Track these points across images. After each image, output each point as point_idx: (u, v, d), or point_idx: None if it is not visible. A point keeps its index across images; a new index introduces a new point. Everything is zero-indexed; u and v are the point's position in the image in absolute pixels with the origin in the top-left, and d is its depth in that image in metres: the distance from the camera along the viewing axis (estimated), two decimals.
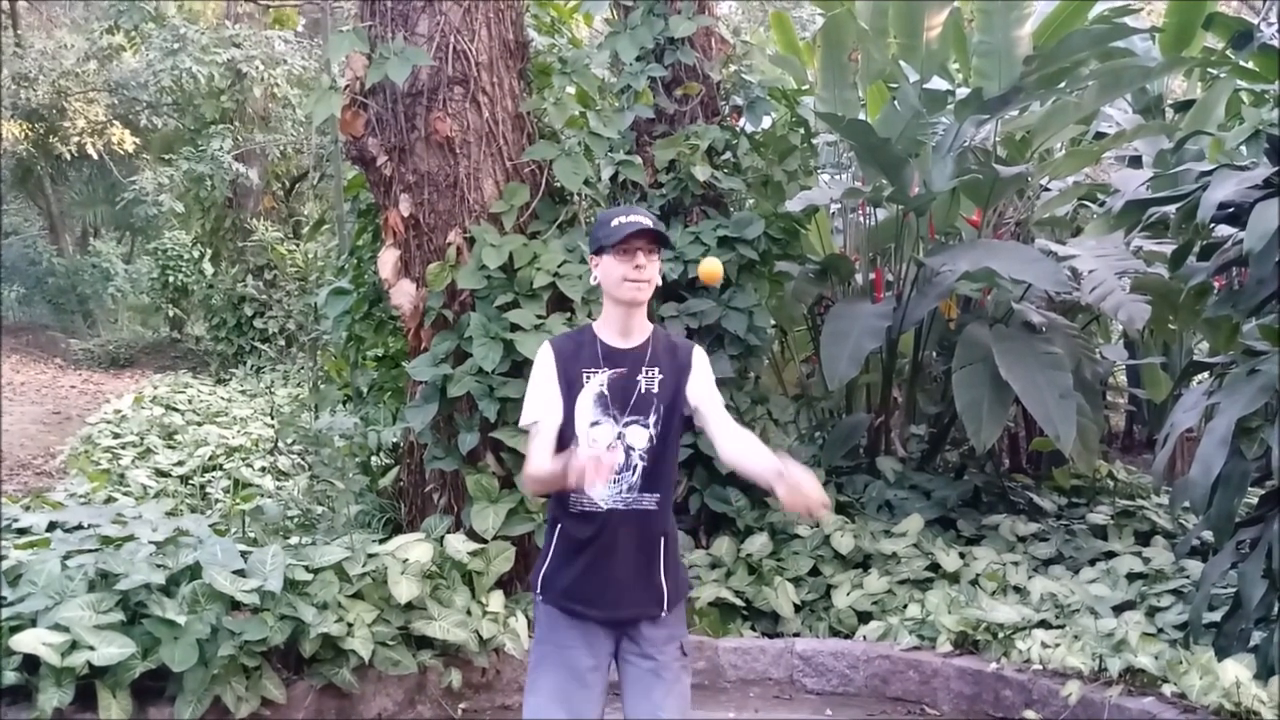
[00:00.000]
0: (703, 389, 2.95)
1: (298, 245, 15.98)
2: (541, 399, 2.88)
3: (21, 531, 4.88)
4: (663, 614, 2.93)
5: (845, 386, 6.91)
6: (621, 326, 2.92)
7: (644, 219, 2.86)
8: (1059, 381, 6.00)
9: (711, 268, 3.00)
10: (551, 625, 2.93)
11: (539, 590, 2.95)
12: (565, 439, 2.87)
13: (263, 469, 8.68)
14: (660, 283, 2.96)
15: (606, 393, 2.86)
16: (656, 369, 2.91)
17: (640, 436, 2.87)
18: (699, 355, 3.00)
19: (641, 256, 2.83)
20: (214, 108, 16.01)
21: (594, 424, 2.86)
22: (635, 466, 2.86)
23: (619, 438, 2.86)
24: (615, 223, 2.85)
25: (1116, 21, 6.86)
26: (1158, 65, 7.08)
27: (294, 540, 4.98)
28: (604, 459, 2.62)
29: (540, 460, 2.82)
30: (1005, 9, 6.80)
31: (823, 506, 2.63)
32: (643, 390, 2.88)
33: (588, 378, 2.87)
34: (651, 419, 2.88)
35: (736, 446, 2.87)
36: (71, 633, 3.85)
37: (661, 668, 2.92)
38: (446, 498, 5.41)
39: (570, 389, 2.87)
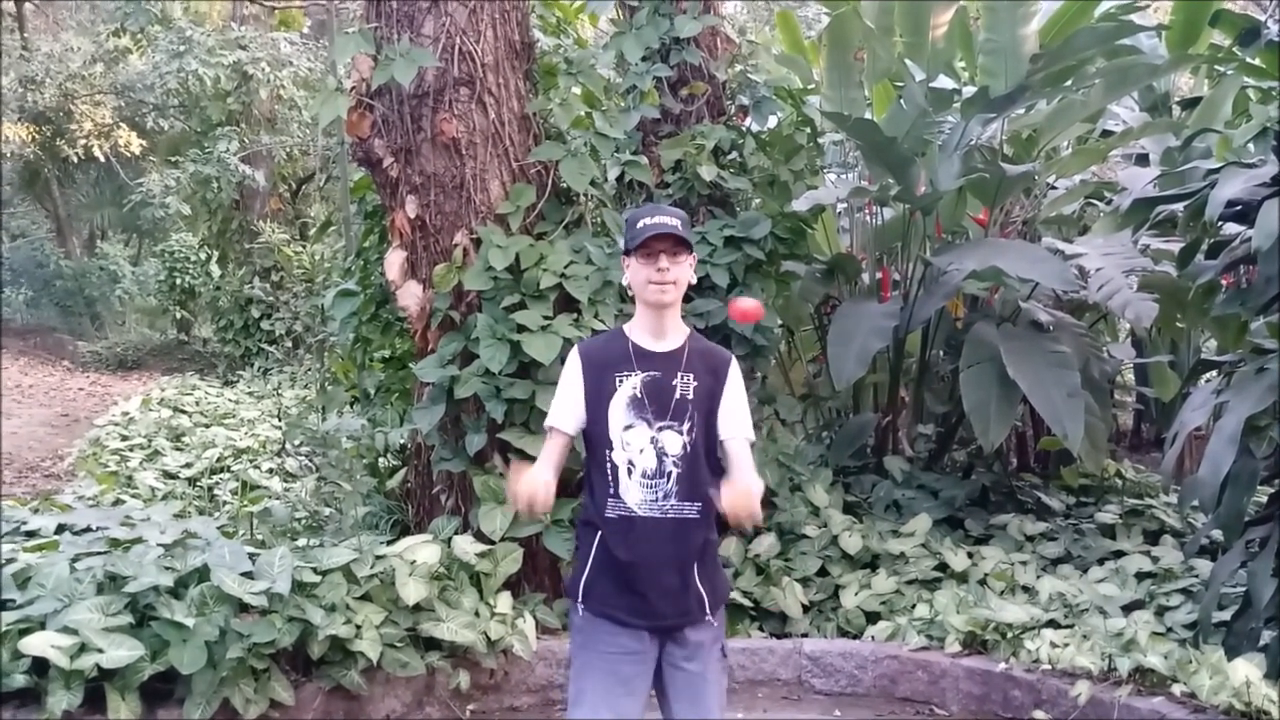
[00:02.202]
0: (734, 424, 2.91)
1: (304, 247, 16.00)
2: (562, 405, 2.87)
3: (30, 534, 4.90)
4: (705, 619, 2.90)
5: (852, 386, 6.90)
6: (654, 328, 2.89)
7: (668, 220, 2.83)
8: (1067, 380, 5.99)
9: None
10: (593, 633, 2.89)
11: (579, 599, 2.91)
12: (599, 442, 2.85)
13: (270, 471, 8.69)
14: (694, 281, 2.93)
15: (642, 396, 2.83)
16: (692, 375, 2.87)
17: (675, 443, 2.83)
18: (734, 373, 2.96)
19: (664, 259, 2.81)
20: (220, 110, 16.03)
21: (628, 427, 2.83)
22: (670, 474, 2.83)
23: (652, 442, 2.82)
24: (640, 224, 2.84)
25: (1123, 19, 6.86)
26: (1164, 63, 7.06)
27: (302, 542, 4.98)
28: (532, 491, 2.69)
29: (543, 465, 2.84)
30: (1011, 7, 6.78)
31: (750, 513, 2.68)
32: (678, 395, 2.84)
33: (620, 380, 2.84)
34: (686, 425, 2.84)
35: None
36: (80, 635, 3.86)
37: (706, 670, 2.91)
38: (454, 499, 5.42)
39: (602, 392, 2.83)
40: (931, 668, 4.94)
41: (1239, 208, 4.53)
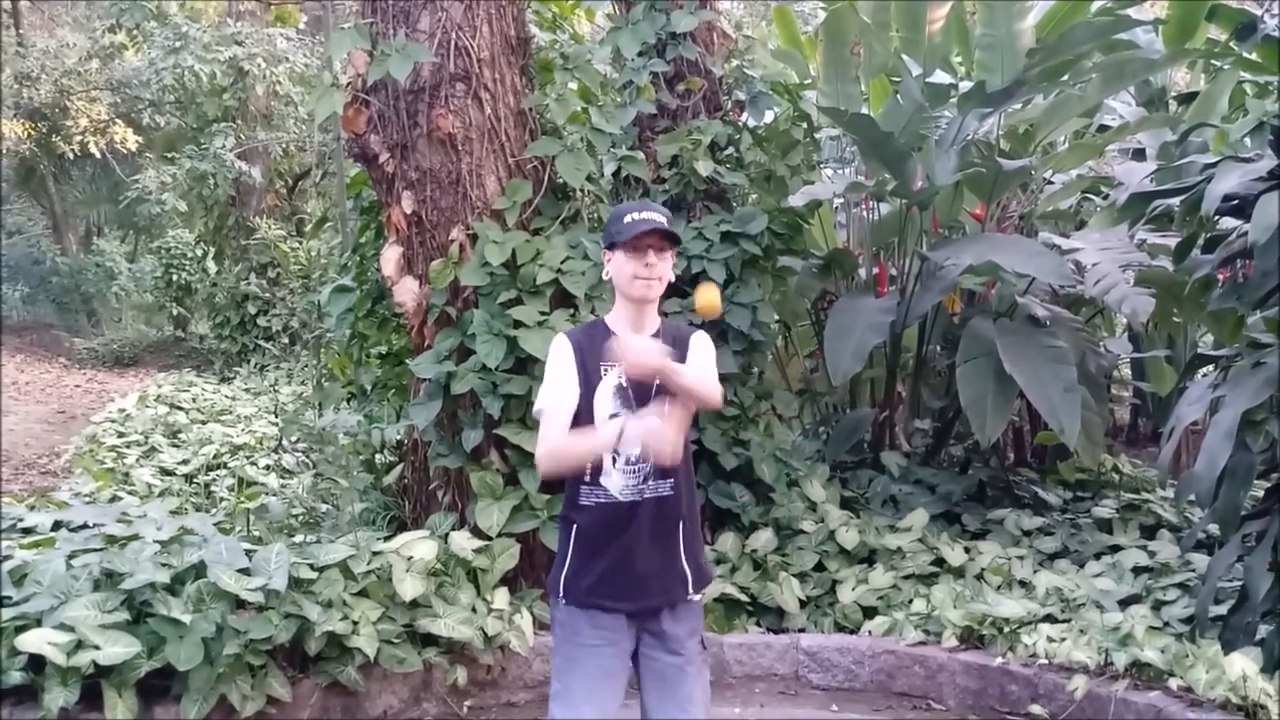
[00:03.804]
0: (696, 367, 2.92)
1: (301, 243, 15.99)
2: (561, 387, 2.86)
3: (26, 531, 4.90)
4: (689, 597, 2.93)
5: (849, 381, 6.91)
6: (633, 321, 2.92)
7: (656, 216, 2.86)
8: (1063, 375, 5.99)
9: (709, 299, 2.91)
10: (574, 627, 2.90)
11: (561, 594, 2.93)
12: (582, 430, 2.86)
13: (267, 467, 8.68)
14: (672, 279, 2.94)
15: (626, 385, 2.85)
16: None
17: None
18: (697, 338, 3.00)
19: (652, 255, 2.84)
20: (216, 106, 16.01)
21: (612, 415, 2.86)
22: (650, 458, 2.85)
23: None
24: (627, 219, 2.86)
25: (1119, 14, 6.84)
26: (1161, 57, 7.06)
27: (298, 538, 4.98)
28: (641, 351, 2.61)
29: (564, 436, 2.78)
30: (1007, 3, 6.78)
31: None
32: (658, 382, 2.85)
33: (606, 370, 2.86)
34: (665, 408, 2.84)
35: None
36: (77, 632, 3.85)
37: (686, 663, 2.92)
38: (451, 495, 5.41)
39: (589, 381, 2.86)
40: (928, 662, 4.95)
41: (1235, 202, 4.53)
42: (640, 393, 2.85)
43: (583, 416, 2.86)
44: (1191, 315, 6.77)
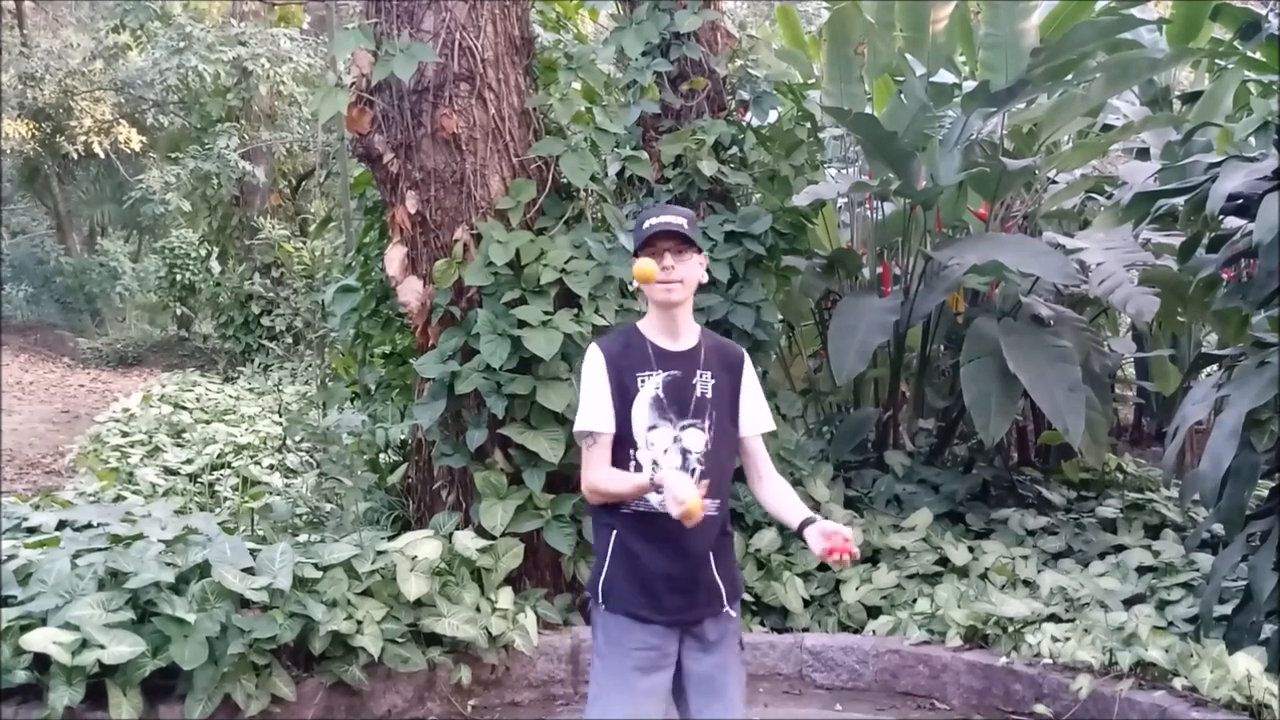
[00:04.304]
0: (755, 423, 2.98)
1: (305, 243, 15.97)
2: (597, 406, 2.84)
3: (31, 530, 4.91)
4: (724, 611, 2.93)
5: (853, 381, 6.90)
6: (667, 328, 2.90)
7: (671, 218, 2.85)
8: (1067, 374, 5.98)
9: (645, 270, 2.88)
10: (614, 631, 2.89)
11: (600, 599, 2.92)
12: (623, 442, 2.84)
13: (271, 467, 8.69)
14: (706, 280, 2.95)
15: (663, 396, 2.83)
16: (709, 373, 2.89)
17: (697, 440, 2.85)
18: (749, 369, 3.01)
19: (669, 257, 2.83)
20: (220, 106, 16.02)
21: (652, 428, 2.84)
22: (694, 470, 2.83)
23: (675, 441, 2.84)
24: (646, 224, 2.86)
25: (1124, 13, 6.83)
26: (1165, 57, 7.05)
27: (303, 538, 4.99)
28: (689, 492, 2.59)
29: (605, 471, 2.81)
30: (1011, 2, 6.78)
31: (852, 552, 2.73)
32: (698, 394, 2.86)
33: (642, 381, 2.83)
34: (706, 423, 2.86)
35: (774, 494, 2.98)
36: (82, 631, 3.86)
37: (727, 664, 2.94)
38: (455, 494, 5.42)
39: (625, 392, 2.83)
40: (932, 662, 4.95)
41: (1240, 201, 4.53)
42: (677, 404, 2.84)
43: (623, 428, 2.84)
44: (1196, 315, 6.76)
